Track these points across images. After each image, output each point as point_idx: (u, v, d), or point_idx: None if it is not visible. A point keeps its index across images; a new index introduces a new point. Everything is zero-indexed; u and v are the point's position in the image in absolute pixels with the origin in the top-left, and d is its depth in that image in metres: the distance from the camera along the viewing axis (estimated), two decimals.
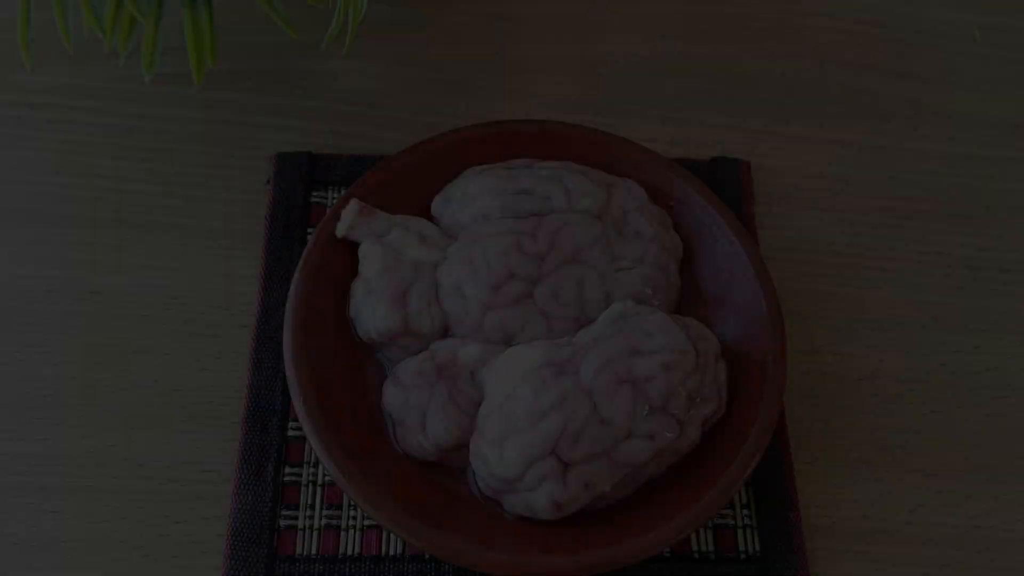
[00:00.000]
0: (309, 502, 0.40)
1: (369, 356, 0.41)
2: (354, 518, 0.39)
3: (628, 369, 0.36)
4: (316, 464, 0.40)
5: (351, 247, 0.41)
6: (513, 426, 0.36)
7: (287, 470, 0.40)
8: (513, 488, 0.36)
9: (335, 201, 0.46)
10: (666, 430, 0.36)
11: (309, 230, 0.46)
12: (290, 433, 0.41)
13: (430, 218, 0.43)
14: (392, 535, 0.38)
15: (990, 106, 0.54)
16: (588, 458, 0.35)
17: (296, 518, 0.39)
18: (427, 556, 0.38)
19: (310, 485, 0.40)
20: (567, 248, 0.40)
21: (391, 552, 0.39)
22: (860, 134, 0.52)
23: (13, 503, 0.39)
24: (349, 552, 0.39)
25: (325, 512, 0.39)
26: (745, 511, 0.41)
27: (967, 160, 0.52)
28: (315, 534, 0.39)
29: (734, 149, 0.51)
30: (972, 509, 0.42)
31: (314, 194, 0.47)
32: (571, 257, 0.40)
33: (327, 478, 0.40)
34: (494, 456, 0.36)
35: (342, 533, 0.39)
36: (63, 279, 0.44)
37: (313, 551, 0.39)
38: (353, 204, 0.41)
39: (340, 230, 0.41)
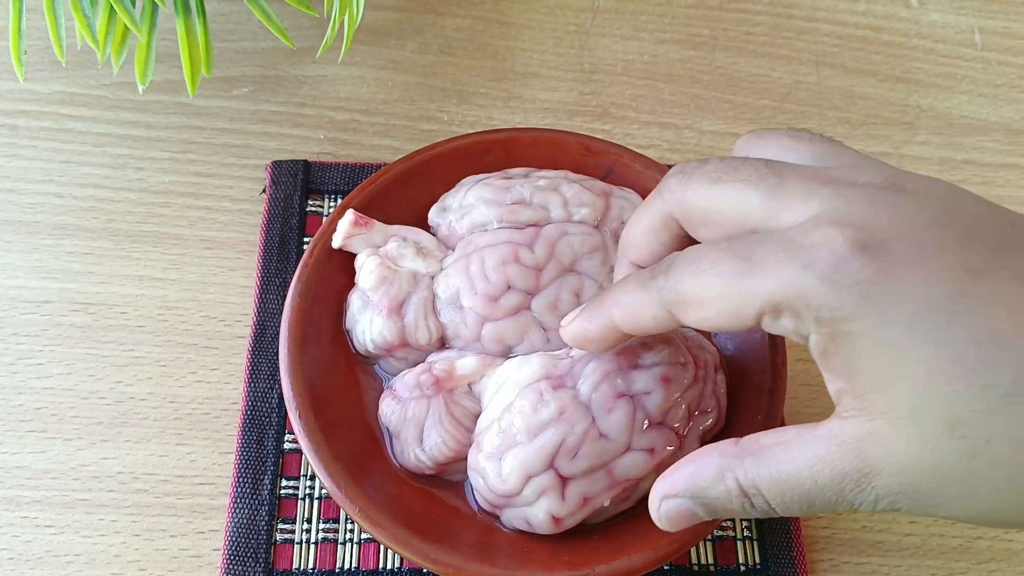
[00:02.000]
0: (306, 515, 0.39)
1: (366, 368, 0.40)
2: (351, 532, 0.39)
3: (626, 383, 0.35)
4: (313, 477, 0.40)
5: (348, 258, 0.41)
6: (511, 440, 0.35)
7: (283, 483, 0.40)
8: (511, 502, 0.36)
9: (331, 210, 0.46)
10: (665, 444, 0.36)
11: (305, 240, 0.45)
12: (286, 446, 0.41)
13: (427, 228, 0.43)
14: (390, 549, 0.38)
15: (991, 111, 0.54)
16: (587, 472, 0.35)
17: (293, 532, 0.39)
18: (425, 571, 0.38)
19: (307, 498, 0.40)
20: (565, 258, 0.40)
21: (389, 566, 0.39)
22: (859, 140, 0.52)
23: (7, 517, 0.39)
24: (346, 566, 0.38)
25: (322, 526, 0.39)
26: (745, 523, 0.40)
27: (968, 166, 0.52)
28: (312, 548, 0.39)
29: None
30: None
31: (310, 203, 0.46)
32: (569, 267, 0.40)
33: (324, 491, 0.40)
34: (492, 470, 0.36)
35: (339, 547, 0.39)
36: (57, 290, 0.44)
37: (310, 565, 0.38)
38: (349, 215, 0.40)
39: (336, 241, 0.40)
